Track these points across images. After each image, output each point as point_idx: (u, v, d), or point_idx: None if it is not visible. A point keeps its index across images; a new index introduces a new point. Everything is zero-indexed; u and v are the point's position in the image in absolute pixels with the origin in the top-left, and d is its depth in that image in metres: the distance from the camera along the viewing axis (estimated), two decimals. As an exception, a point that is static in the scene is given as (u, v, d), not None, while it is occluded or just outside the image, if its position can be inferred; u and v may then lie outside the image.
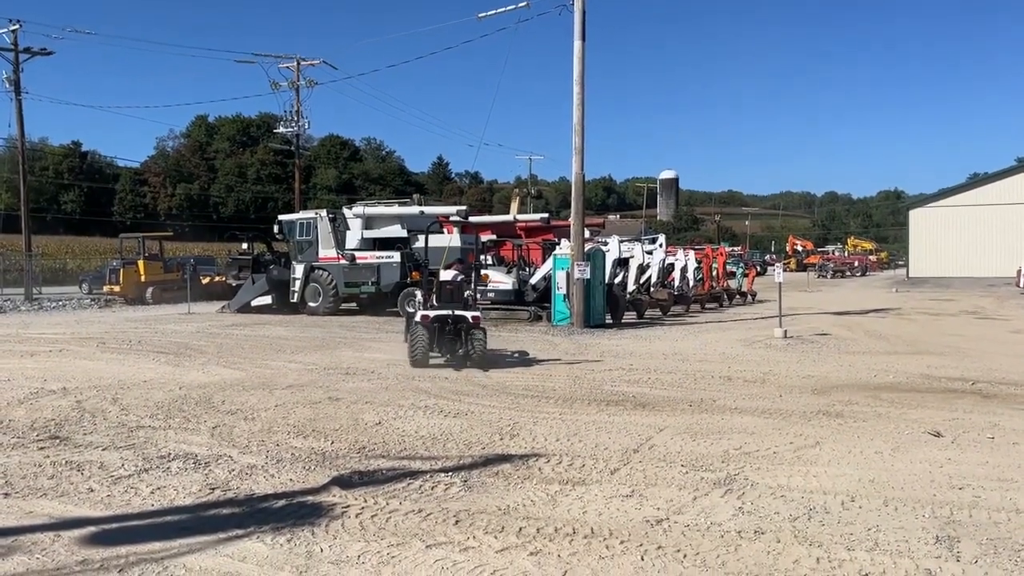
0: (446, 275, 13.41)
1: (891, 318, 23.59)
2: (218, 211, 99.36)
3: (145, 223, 76.07)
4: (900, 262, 75.46)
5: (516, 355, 14.34)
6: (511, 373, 12.26)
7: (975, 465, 6.94)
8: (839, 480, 6.49)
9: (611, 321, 21.20)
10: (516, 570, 4.63)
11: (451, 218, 26.48)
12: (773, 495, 6.07)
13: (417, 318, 12.75)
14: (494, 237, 27.47)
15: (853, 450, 7.49)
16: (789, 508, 5.76)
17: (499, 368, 12.69)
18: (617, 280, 22.87)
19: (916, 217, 54.27)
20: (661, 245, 27.05)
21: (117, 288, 31.70)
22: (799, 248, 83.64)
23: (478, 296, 13.99)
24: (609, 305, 21.32)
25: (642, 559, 4.80)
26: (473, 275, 14.37)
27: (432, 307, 12.95)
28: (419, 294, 14.22)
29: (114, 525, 5.41)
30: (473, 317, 12.60)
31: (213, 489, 6.22)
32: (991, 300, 31.81)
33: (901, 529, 5.32)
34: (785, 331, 17.81)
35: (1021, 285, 36.93)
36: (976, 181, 55.93)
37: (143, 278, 31.92)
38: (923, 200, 57.41)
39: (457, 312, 12.58)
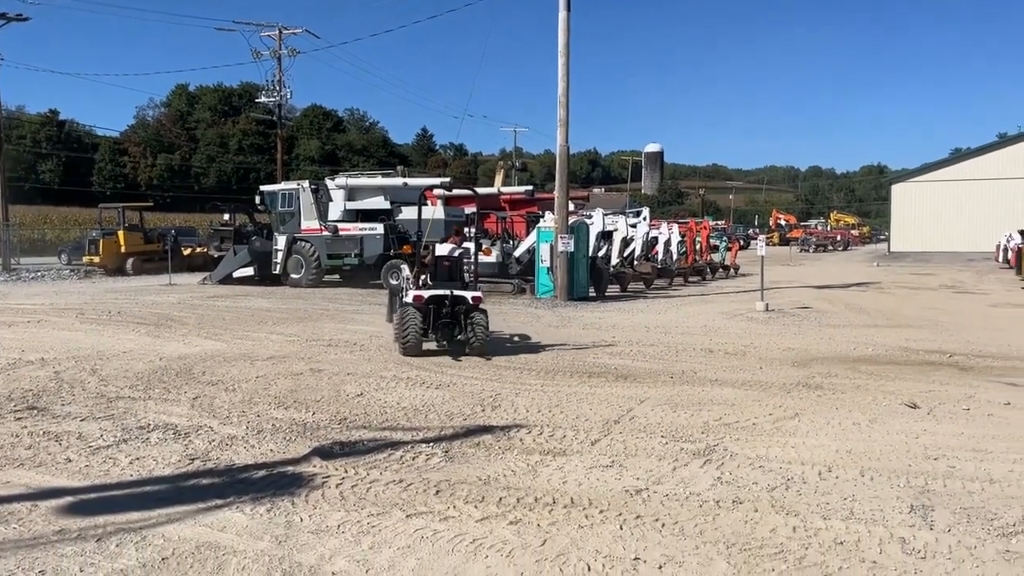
0: (442, 249, 11.77)
1: (871, 292, 23.77)
2: (199, 182, 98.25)
3: (125, 193, 75.13)
4: (882, 236, 75.95)
5: (517, 339, 12.99)
6: (512, 359, 10.94)
7: (950, 436, 7.03)
8: (817, 451, 6.56)
9: (594, 294, 21.23)
10: (496, 539, 4.65)
11: (435, 191, 26.36)
12: (752, 465, 6.12)
13: (408, 299, 11.09)
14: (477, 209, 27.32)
15: (831, 421, 7.56)
16: (767, 478, 5.82)
17: (502, 355, 11.08)
18: (601, 253, 22.88)
19: (898, 192, 54.62)
20: (645, 218, 27.06)
21: (97, 259, 31.38)
22: (782, 222, 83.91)
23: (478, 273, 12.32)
24: (593, 278, 21.34)
25: (621, 528, 4.84)
26: (473, 249, 12.53)
27: (426, 286, 11.43)
28: (405, 269, 12.27)
29: (92, 495, 5.38)
30: (474, 298, 11.10)
31: (193, 459, 6.20)
32: (970, 274, 32.12)
33: (876, 498, 5.39)
34: (767, 304, 17.91)
35: (1000, 260, 37.29)
36: (958, 156, 56.33)
37: (123, 249, 31.59)
38: (905, 175, 57.75)
39: (456, 292, 11.11)
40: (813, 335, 13.96)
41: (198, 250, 34.62)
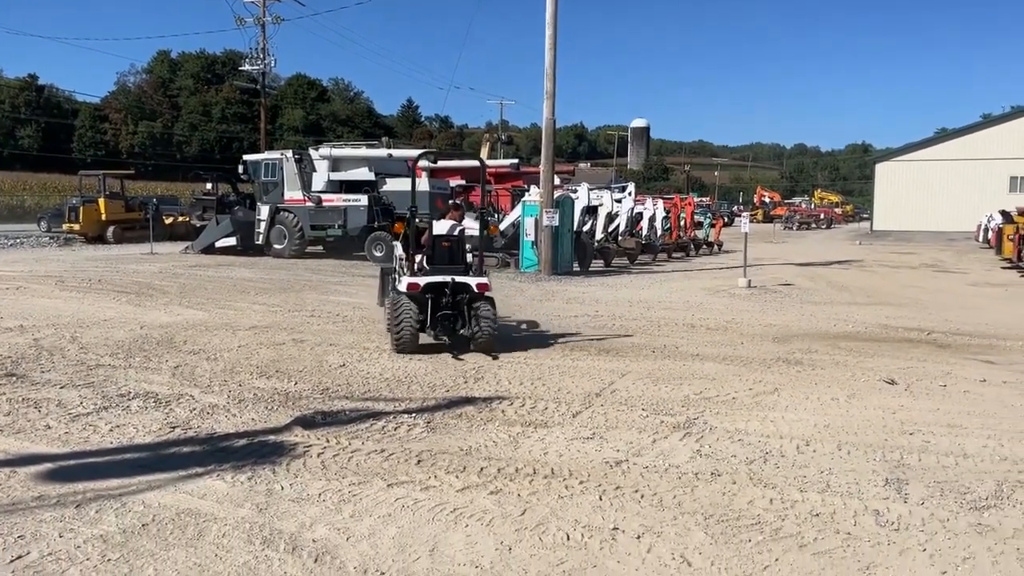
0: (441, 227, 10.17)
1: (853, 270, 23.94)
2: (182, 150, 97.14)
3: (106, 161, 74.25)
4: (865, 215, 76.36)
5: (524, 327, 11.64)
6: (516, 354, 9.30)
7: (926, 412, 7.12)
8: (795, 425, 6.63)
9: (579, 269, 21.26)
10: (476, 508, 4.68)
11: (419, 162, 26.20)
12: (731, 439, 6.18)
13: (402, 286, 9.46)
14: (463, 182, 27.26)
15: (810, 396, 7.64)
16: (746, 451, 5.88)
17: (509, 351, 9.45)
18: (586, 228, 22.88)
19: (882, 171, 54.86)
20: (630, 194, 27.05)
21: (77, 226, 31.01)
22: (766, 199, 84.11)
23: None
24: (577, 253, 21.36)
25: (600, 499, 4.88)
26: (479, 227, 10.73)
27: (422, 271, 9.77)
28: (398, 249, 10.80)
29: (71, 462, 5.37)
30: (479, 285, 9.46)
31: (174, 428, 6.19)
32: (950, 254, 32.40)
33: (852, 472, 5.46)
34: (749, 281, 18.01)
35: (980, 240, 37.61)
36: (941, 136, 56.59)
37: (104, 217, 31.23)
38: (889, 154, 57.96)
39: (458, 279, 9.47)
40: (794, 312, 14.06)
41: (180, 219, 34.28)
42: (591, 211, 23.58)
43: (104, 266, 20.19)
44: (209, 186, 29.88)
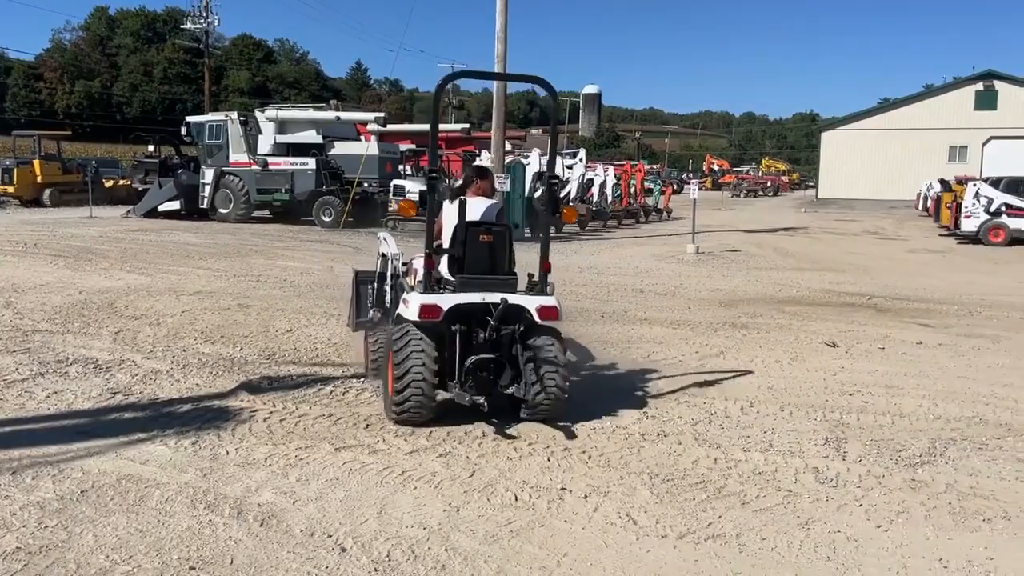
0: (476, 206, 5.98)
1: (798, 236, 24.39)
2: (122, 111, 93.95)
3: (41, 121, 71.50)
4: (811, 183, 77.66)
5: None
6: None
7: (866, 373, 7.32)
8: (740, 387, 6.76)
9: (529, 235, 21.24)
10: (425, 471, 4.68)
11: (368, 126, 25.79)
12: (677, 401, 6.28)
13: (410, 311, 5.48)
14: (413, 147, 26.94)
15: (755, 359, 7.79)
16: (691, 413, 5.98)
17: None
18: (537, 194, 22.82)
19: (827, 140, 55.74)
20: (581, 160, 27.05)
21: (11, 189, 29.88)
22: (715, 167, 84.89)
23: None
24: (528, 219, 21.32)
25: (548, 460, 4.92)
26: (547, 201, 6.36)
27: (442, 283, 5.78)
28: (388, 243, 6.92)
29: (6, 428, 5.21)
30: (542, 309, 5.62)
31: (114, 394, 6.05)
32: (891, 221, 33.17)
33: (794, 432, 5.60)
34: (697, 247, 18.23)
35: (920, 208, 38.56)
36: (885, 106, 57.58)
37: (39, 179, 30.13)
38: (835, 123, 58.86)
39: (511, 299, 5.50)
40: (741, 277, 14.29)
41: (121, 182, 33.27)
42: (542, 177, 23.49)
43: (40, 230, 19.52)
44: (151, 148, 29.01)
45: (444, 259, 5.79)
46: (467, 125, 35.22)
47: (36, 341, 7.65)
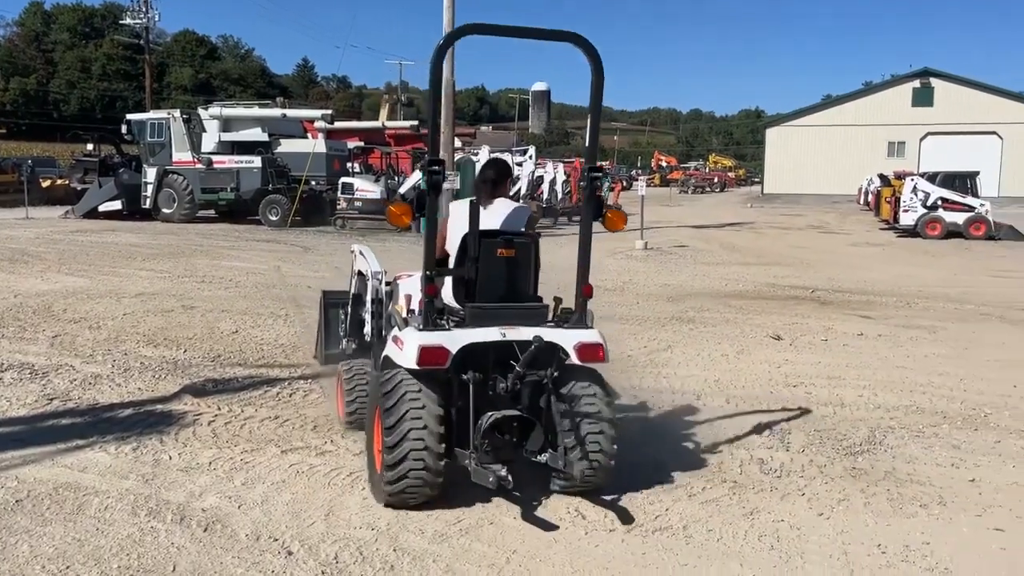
0: (494, 215, 4.84)
1: (744, 232, 24.81)
2: (59, 109, 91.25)
3: (-27, 119, 69.14)
4: (756, 179, 79.01)
5: None
6: None
7: (809, 365, 7.48)
8: (687, 380, 6.85)
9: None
10: (373, 471, 4.63)
11: (315, 123, 25.49)
12: (625, 395, 6.31)
13: (405, 356, 4.10)
14: (362, 144, 26.72)
15: (702, 353, 7.91)
16: (640, 408, 6.03)
17: None
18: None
19: (772, 136, 56.67)
20: (531, 157, 27.12)
21: (-59, 190, 28.89)
22: (663, 164, 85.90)
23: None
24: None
25: (498, 457, 4.91)
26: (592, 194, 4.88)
27: (443, 316, 4.35)
28: (367, 258, 5.80)
29: (-63, 439, 5.03)
30: (582, 348, 4.40)
31: (52, 399, 5.88)
32: (834, 216, 33.97)
33: (740, 424, 5.69)
34: (646, 243, 18.42)
35: (861, 202, 39.51)
36: (828, 102, 58.78)
37: (-29, 179, 29.19)
38: (779, 119, 59.92)
39: (544, 338, 4.09)
40: (688, 272, 14.48)
41: (59, 182, 32.37)
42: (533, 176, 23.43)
43: (-26, 232, 18.88)
44: (91, 147, 28.34)
45: (448, 280, 4.48)
46: (416, 122, 35.04)
47: (-32, 347, 7.39)
